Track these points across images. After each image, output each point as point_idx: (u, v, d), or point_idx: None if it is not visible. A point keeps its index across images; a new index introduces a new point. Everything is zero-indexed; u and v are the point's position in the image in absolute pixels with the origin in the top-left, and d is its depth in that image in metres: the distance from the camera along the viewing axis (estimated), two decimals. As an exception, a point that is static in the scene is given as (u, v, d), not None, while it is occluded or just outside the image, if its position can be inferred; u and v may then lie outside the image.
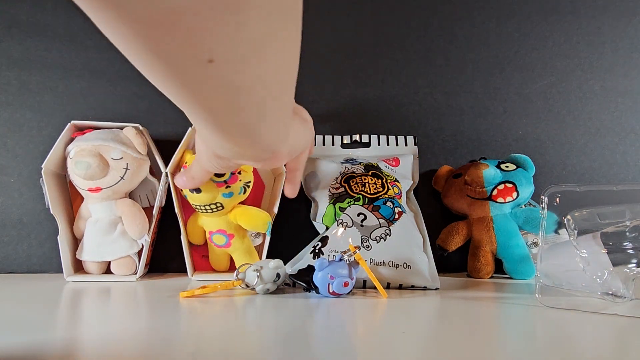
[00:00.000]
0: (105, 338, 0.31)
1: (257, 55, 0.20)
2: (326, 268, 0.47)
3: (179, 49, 0.18)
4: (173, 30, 0.17)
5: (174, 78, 0.21)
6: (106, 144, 0.58)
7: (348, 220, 0.57)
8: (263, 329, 0.35)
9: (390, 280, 0.54)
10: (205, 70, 0.19)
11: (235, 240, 0.61)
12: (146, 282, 0.58)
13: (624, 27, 0.79)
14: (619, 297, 0.42)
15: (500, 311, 0.43)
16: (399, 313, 0.41)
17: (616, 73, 0.79)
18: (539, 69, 0.78)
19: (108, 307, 0.44)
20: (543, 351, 0.29)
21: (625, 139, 0.79)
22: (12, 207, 0.66)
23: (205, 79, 0.20)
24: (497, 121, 0.77)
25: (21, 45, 0.67)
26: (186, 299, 0.45)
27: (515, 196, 0.66)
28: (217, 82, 0.21)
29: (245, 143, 0.29)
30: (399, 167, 0.68)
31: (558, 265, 0.45)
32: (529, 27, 0.78)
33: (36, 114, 0.67)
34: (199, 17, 0.16)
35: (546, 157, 0.77)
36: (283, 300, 0.46)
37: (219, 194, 0.57)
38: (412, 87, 0.76)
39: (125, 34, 0.18)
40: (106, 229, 0.59)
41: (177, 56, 0.19)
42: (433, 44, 0.77)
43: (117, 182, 0.59)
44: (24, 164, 0.67)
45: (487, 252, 0.66)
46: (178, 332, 0.34)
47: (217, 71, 0.19)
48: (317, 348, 0.30)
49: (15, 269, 0.66)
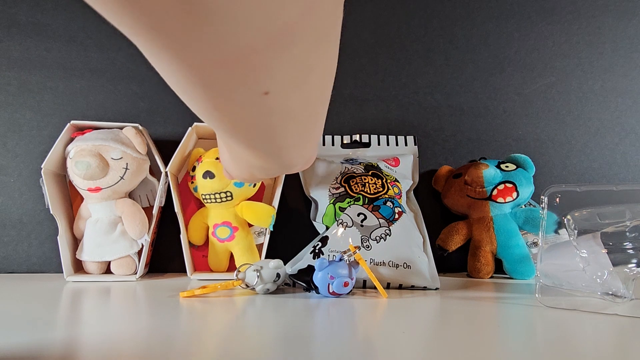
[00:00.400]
0: (105, 338, 0.31)
1: (305, 82, 0.21)
2: (326, 268, 0.47)
3: (237, 85, 0.19)
4: (232, 70, 0.18)
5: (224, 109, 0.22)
6: (106, 144, 0.58)
7: (348, 220, 0.57)
8: (263, 329, 0.35)
9: (390, 280, 0.54)
10: (259, 101, 0.20)
11: (239, 233, 0.61)
12: (146, 282, 0.58)
13: (624, 27, 0.79)
14: (619, 297, 0.42)
15: (500, 311, 0.43)
16: (399, 313, 0.41)
17: (616, 73, 0.79)
18: (539, 69, 0.78)
19: (108, 307, 0.44)
20: (543, 351, 0.29)
21: (625, 139, 0.79)
22: (12, 207, 0.66)
23: (258, 109, 0.21)
24: (497, 121, 0.77)
25: (21, 45, 0.67)
26: (186, 299, 0.45)
27: (515, 196, 0.66)
28: (268, 110, 0.22)
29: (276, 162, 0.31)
30: (399, 167, 0.68)
31: (558, 265, 0.45)
32: (529, 27, 0.78)
33: (36, 114, 0.67)
34: (258, 56, 0.17)
35: (546, 157, 0.77)
36: (283, 300, 0.46)
37: (231, 182, 0.60)
38: (412, 87, 0.76)
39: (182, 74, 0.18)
40: (106, 229, 0.59)
41: (234, 91, 0.20)
42: (433, 44, 0.77)
43: (117, 182, 0.59)
44: (24, 164, 0.67)
45: (487, 252, 0.66)
46: (178, 332, 0.34)
47: (271, 101, 0.21)
48: (317, 348, 0.30)
49: (15, 269, 0.66)
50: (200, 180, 0.60)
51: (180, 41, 0.16)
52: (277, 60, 0.18)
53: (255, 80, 0.19)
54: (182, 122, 0.68)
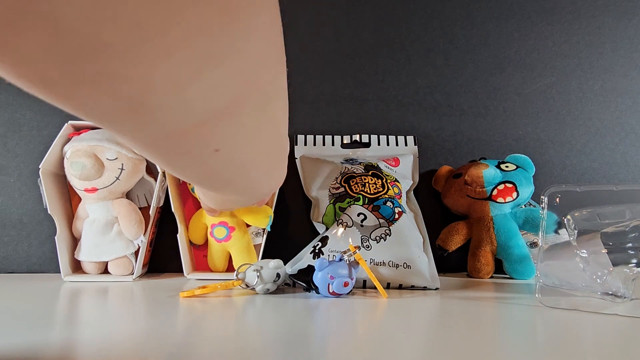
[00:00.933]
0: (104, 338, 0.31)
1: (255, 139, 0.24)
2: (326, 268, 0.47)
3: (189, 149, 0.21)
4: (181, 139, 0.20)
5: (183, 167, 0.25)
6: (100, 144, 0.58)
7: (348, 220, 0.57)
8: (263, 329, 0.35)
9: (390, 280, 0.54)
10: (213, 157, 0.23)
11: (236, 234, 0.61)
12: (144, 282, 0.58)
13: (624, 27, 0.79)
14: (619, 297, 0.42)
15: (500, 311, 0.43)
16: (399, 313, 0.41)
17: (616, 73, 0.79)
18: (539, 69, 0.78)
19: (106, 307, 0.44)
20: (543, 351, 0.29)
21: (625, 139, 0.79)
22: (12, 207, 0.66)
23: (213, 163, 0.24)
24: (497, 121, 0.77)
25: (21, 45, 0.67)
26: (186, 299, 0.45)
27: (515, 196, 0.66)
28: (223, 164, 0.24)
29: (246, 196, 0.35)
30: (399, 167, 0.68)
31: (558, 265, 0.45)
32: (529, 27, 0.78)
33: (36, 114, 0.67)
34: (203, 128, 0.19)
35: (546, 157, 0.77)
36: (283, 300, 0.46)
37: None
38: (412, 87, 0.76)
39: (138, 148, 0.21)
40: (103, 229, 0.59)
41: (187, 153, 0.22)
42: (433, 44, 0.77)
43: (113, 183, 0.59)
44: (24, 164, 0.67)
45: (487, 252, 0.66)
46: (177, 332, 0.34)
47: (223, 156, 0.23)
48: (317, 348, 0.30)
49: (15, 269, 0.66)
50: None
51: (132, 128, 0.18)
52: (223, 129, 0.20)
53: (204, 144, 0.21)
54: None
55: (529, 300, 0.47)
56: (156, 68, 0.14)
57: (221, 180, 0.28)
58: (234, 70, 0.16)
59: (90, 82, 0.14)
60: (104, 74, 0.14)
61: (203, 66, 0.15)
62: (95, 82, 0.14)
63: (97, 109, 0.16)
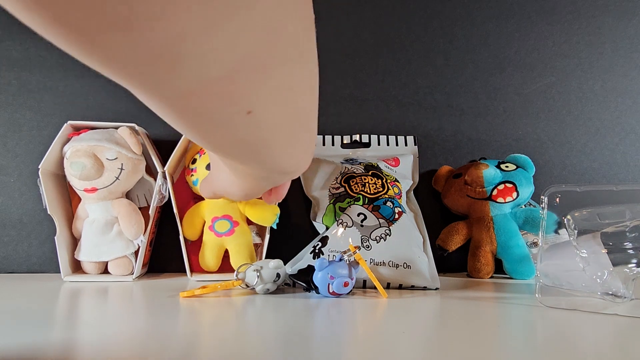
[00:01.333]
0: (104, 338, 0.31)
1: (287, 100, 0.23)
2: (326, 268, 0.47)
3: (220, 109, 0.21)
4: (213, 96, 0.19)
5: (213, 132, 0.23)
6: (100, 144, 0.58)
7: (348, 220, 0.57)
8: (263, 329, 0.35)
9: (390, 280, 0.54)
10: (244, 120, 0.22)
11: (239, 229, 0.60)
12: (144, 282, 0.58)
13: (624, 27, 0.79)
14: (619, 297, 0.42)
15: (500, 311, 0.43)
16: (399, 313, 0.41)
17: (616, 73, 0.79)
18: (539, 69, 0.78)
19: (106, 307, 0.44)
20: (543, 351, 0.29)
21: (625, 139, 0.79)
22: (12, 207, 0.66)
23: (244, 128, 0.23)
24: (497, 121, 0.77)
25: (21, 45, 0.67)
26: (185, 299, 0.45)
27: (515, 196, 0.66)
28: (255, 127, 0.23)
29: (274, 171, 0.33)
30: (399, 167, 0.68)
31: (558, 265, 0.45)
32: (529, 27, 0.78)
33: (36, 114, 0.67)
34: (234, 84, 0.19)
35: (546, 157, 0.77)
36: (283, 300, 0.46)
37: None
38: (412, 87, 0.76)
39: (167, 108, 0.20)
40: (103, 229, 0.59)
41: (218, 115, 0.21)
42: (433, 44, 0.77)
43: (113, 183, 0.59)
44: (24, 164, 0.67)
45: (487, 252, 0.66)
46: (177, 332, 0.34)
47: (255, 118, 0.22)
48: (317, 348, 0.30)
49: (15, 269, 0.66)
50: (203, 173, 0.59)
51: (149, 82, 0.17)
52: (255, 84, 0.20)
53: (236, 103, 0.20)
54: (182, 122, 0.68)
55: (529, 300, 0.47)
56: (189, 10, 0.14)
57: (249, 147, 0.26)
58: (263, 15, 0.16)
59: (121, 27, 0.14)
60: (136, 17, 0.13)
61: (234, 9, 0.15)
62: (127, 27, 0.14)
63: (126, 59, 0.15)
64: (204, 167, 0.59)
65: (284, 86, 0.22)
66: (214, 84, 0.18)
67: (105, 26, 0.14)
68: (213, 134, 0.24)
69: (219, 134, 0.24)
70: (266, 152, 0.28)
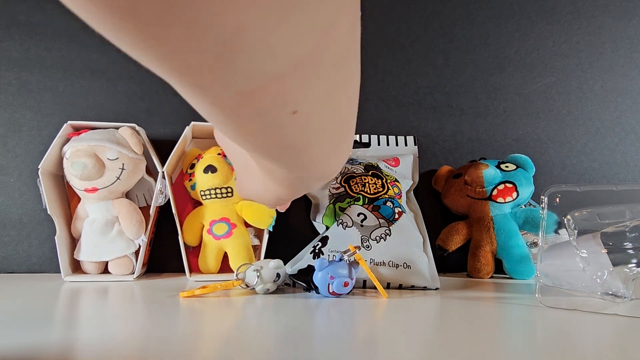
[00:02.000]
0: (104, 338, 0.31)
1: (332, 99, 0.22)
2: (326, 268, 0.47)
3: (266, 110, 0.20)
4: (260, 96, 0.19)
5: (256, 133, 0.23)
6: (101, 144, 0.58)
7: (348, 220, 0.57)
8: (263, 329, 0.35)
9: (390, 280, 0.54)
10: (289, 121, 0.22)
11: (237, 231, 0.61)
12: (144, 282, 0.58)
13: (624, 27, 0.79)
14: (619, 297, 0.42)
15: (500, 311, 0.43)
16: (399, 313, 0.41)
17: (616, 73, 0.79)
18: (539, 69, 0.78)
19: (106, 307, 0.44)
20: (543, 351, 0.29)
21: (625, 139, 0.79)
22: (12, 207, 0.66)
23: (288, 128, 0.23)
24: (497, 121, 0.77)
25: (21, 45, 0.67)
26: (185, 299, 0.45)
27: (515, 196, 0.66)
28: (300, 128, 0.23)
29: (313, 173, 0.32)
30: (399, 167, 0.68)
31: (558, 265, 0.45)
32: (529, 27, 0.78)
33: (36, 114, 0.67)
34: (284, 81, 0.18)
35: (546, 157, 0.77)
36: (283, 300, 0.46)
37: (232, 178, 0.60)
38: (412, 87, 0.76)
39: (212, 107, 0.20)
40: (103, 229, 0.59)
41: (263, 115, 0.21)
42: (433, 44, 0.77)
43: (114, 183, 0.59)
44: (24, 164, 0.67)
45: (487, 252, 0.66)
46: (177, 332, 0.34)
47: (300, 119, 0.22)
48: (317, 348, 0.30)
49: (15, 269, 0.66)
50: (201, 176, 0.60)
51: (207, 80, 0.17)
52: (303, 83, 0.19)
53: (283, 103, 0.20)
54: (182, 122, 0.68)
55: (529, 300, 0.47)
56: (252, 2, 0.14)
57: (293, 150, 0.26)
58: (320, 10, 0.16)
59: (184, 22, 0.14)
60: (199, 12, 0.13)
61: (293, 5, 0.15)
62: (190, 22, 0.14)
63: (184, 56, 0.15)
64: (202, 171, 0.60)
65: (332, 86, 0.21)
66: (272, 83, 0.18)
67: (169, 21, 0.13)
68: (261, 136, 0.23)
69: (267, 135, 0.23)
70: (309, 155, 0.28)
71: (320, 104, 0.22)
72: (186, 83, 0.17)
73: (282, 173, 0.32)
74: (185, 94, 0.19)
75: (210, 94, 0.18)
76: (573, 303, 0.43)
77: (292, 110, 0.21)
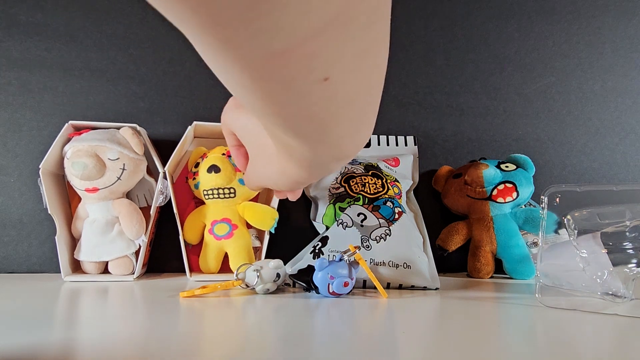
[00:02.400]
0: (105, 338, 0.31)
1: (362, 65, 0.22)
2: (326, 268, 0.47)
3: (297, 74, 0.19)
4: (292, 59, 0.18)
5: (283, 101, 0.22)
6: (102, 144, 0.58)
7: (348, 220, 0.57)
8: (263, 329, 0.35)
9: (390, 280, 0.54)
10: (320, 88, 0.21)
11: (238, 232, 0.61)
12: (144, 282, 0.58)
13: (624, 27, 0.79)
14: (619, 297, 0.42)
15: (500, 311, 0.43)
16: (399, 313, 0.41)
17: (616, 73, 0.79)
18: (539, 69, 0.78)
19: (106, 307, 0.44)
20: (543, 351, 0.29)
21: (625, 139, 0.79)
22: (12, 207, 0.66)
23: (317, 97, 0.22)
24: (497, 121, 0.77)
25: (21, 45, 0.67)
26: (185, 299, 0.45)
27: (515, 196, 0.66)
28: (329, 97, 0.22)
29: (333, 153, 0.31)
30: (399, 167, 0.68)
31: (558, 265, 0.45)
32: (529, 27, 0.78)
33: (36, 114, 0.67)
34: (317, 41, 0.18)
35: (546, 157, 0.77)
36: (283, 300, 0.46)
37: (235, 179, 0.59)
38: (412, 87, 0.76)
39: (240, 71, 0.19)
40: (103, 229, 0.59)
41: (294, 81, 0.20)
42: (433, 44, 0.77)
43: (114, 183, 0.59)
44: (24, 164, 0.67)
45: (487, 252, 0.66)
46: (178, 332, 0.34)
47: (331, 87, 0.21)
48: (317, 348, 0.30)
49: (15, 269, 0.66)
50: (204, 175, 0.60)
51: (241, 36, 0.16)
52: (334, 43, 0.19)
53: (314, 67, 0.19)
54: (182, 122, 0.68)
55: (529, 300, 0.47)
56: None
57: (320, 123, 0.25)
58: None
59: None
60: None
61: None
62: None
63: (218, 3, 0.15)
64: (205, 170, 0.60)
65: (362, 50, 0.21)
66: (303, 44, 0.18)
67: None
68: (289, 106, 0.23)
69: (295, 105, 0.23)
70: (334, 129, 0.27)
71: (349, 70, 0.21)
72: (216, 40, 0.17)
73: (303, 152, 0.31)
74: (212, 59, 0.19)
75: (240, 54, 0.18)
76: (573, 303, 0.43)
77: (323, 76, 0.20)
